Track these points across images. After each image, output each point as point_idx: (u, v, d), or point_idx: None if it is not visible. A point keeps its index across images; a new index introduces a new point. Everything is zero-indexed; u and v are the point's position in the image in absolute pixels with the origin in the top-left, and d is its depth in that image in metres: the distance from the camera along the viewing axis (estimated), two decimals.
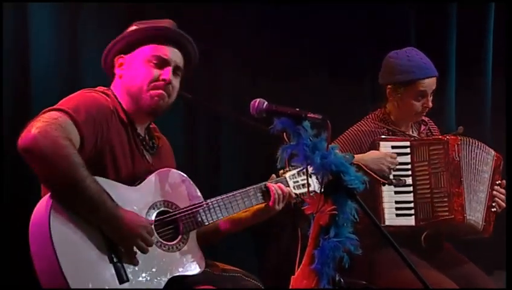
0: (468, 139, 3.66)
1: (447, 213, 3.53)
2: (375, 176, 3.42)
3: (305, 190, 2.91)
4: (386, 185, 3.51)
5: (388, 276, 3.42)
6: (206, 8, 4.20)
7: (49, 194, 2.57)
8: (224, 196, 2.88)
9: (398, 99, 3.68)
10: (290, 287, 2.67)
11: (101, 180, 2.61)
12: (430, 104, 3.67)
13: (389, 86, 3.70)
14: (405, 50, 3.73)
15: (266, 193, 2.93)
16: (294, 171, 3.00)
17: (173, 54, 2.85)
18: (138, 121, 2.85)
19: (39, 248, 2.52)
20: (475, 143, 3.68)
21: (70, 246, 2.52)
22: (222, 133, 4.39)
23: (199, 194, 2.88)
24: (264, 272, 3.46)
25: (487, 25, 4.73)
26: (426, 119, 3.85)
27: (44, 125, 2.54)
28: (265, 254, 4.38)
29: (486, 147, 3.71)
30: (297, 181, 3.01)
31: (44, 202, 2.56)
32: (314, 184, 2.91)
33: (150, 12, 4.02)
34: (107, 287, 2.53)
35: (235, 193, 2.90)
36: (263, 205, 2.93)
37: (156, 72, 2.82)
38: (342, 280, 2.64)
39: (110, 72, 2.91)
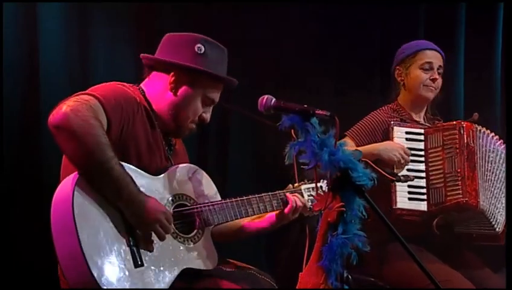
0: (486, 131, 3.66)
1: (460, 195, 3.51)
2: (383, 172, 3.42)
3: (311, 204, 3.00)
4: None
5: (398, 269, 3.42)
6: (215, 8, 4.22)
7: (75, 172, 2.60)
8: (239, 198, 2.91)
9: (405, 77, 3.72)
10: (298, 283, 2.67)
11: (126, 166, 2.65)
12: (437, 76, 3.68)
13: (397, 68, 3.73)
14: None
15: (283, 202, 2.97)
16: (310, 186, 3.04)
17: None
18: (161, 123, 2.89)
19: (60, 223, 2.55)
20: (497, 140, 3.68)
21: (91, 224, 2.55)
22: (231, 130, 4.42)
23: (217, 193, 2.95)
24: (273, 269, 3.46)
25: (496, 17, 4.73)
26: (439, 117, 3.85)
27: (76, 104, 2.58)
28: (273, 250, 4.39)
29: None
30: (311, 195, 3.04)
31: (70, 179, 2.59)
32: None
33: (159, 12, 4.05)
34: (122, 269, 2.56)
35: (250, 197, 2.94)
36: (277, 212, 2.98)
37: (202, 109, 2.89)
38: (350, 277, 2.64)
39: (150, 66, 2.90)
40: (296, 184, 3.04)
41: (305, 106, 2.66)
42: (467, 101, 4.71)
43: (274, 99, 2.72)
